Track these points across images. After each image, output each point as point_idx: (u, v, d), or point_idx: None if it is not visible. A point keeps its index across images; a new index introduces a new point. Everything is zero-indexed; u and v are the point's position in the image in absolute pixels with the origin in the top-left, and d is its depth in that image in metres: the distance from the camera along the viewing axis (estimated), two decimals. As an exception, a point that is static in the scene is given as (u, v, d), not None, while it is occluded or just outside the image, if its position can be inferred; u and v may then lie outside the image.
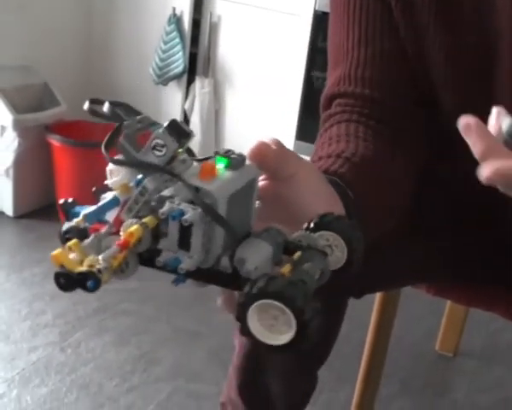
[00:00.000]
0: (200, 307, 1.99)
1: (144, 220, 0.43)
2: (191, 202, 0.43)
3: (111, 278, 0.43)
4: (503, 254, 1.02)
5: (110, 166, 0.47)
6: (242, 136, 2.97)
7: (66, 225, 0.46)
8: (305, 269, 0.46)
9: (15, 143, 2.44)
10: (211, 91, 3.00)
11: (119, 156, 0.46)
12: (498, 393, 1.81)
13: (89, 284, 0.41)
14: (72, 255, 0.43)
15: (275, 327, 0.41)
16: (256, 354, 1.05)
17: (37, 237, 2.41)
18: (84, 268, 0.41)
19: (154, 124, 0.46)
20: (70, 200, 0.47)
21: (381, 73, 0.82)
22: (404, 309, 1.59)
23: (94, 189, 0.48)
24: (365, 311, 1.48)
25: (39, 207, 2.60)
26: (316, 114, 0.90)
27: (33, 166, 2.56)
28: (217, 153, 0.48)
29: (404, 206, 0.79)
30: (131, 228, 0.42)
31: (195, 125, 3.02)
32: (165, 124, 0.45)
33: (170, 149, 0.45)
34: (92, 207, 0.46)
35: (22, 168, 2.51)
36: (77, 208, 0.47)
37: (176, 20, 2.92)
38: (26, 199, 2.57)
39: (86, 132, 2.53)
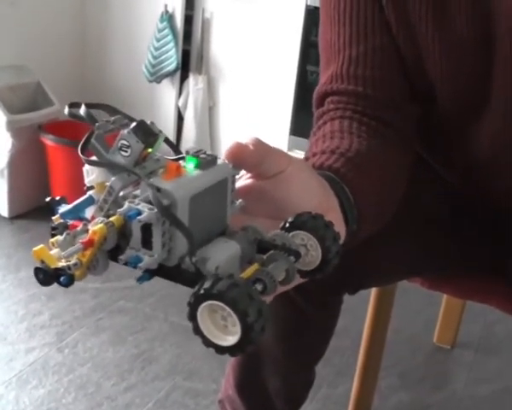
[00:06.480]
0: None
1: (111, 219, 0.44)
2: (151, 202, 0.44)
3: (85, 274, 0.45)
4: (501, 246, 1.02)
5: (86, 166, 0.48)
6: (237, 132, 2.96)
7: (55, 223, 0.47)
8: (269, 269, 0.45)
9: (9, 144, 2.43)
10: (204, 88, 2.99)
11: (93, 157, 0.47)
12: (496, 384, 1.81)
13: (62, 279, 0.43)
14: (54, 251, 0.44)
15: (227, 328, 0.41)
16: (254, 350, 1.05)
17: (33, 237, 2.41)
18: (60, 264, 0.43)
19: (127, 124, 0.47)
20: (58, 197, 0.48)
21: (374, 70, 0.82)
22: (401, 302, 1.59)
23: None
24: (362, 305, 1.48)
25: (34, 208, 2.59)
26: (310, 109, 0.89)
27: (28, 167, 2.55)
28: (187, 152, 0.48)
29: (398, 200, 0.79)
30: (96, 227, 0.43)
31: (190, 122, 3.02)
32: (132, 125, 0.46)
33: (134, 150, 0.45)
34: (69, 206, 0.48)
35: (16, 169, 2.50)
36: (63, 206, 0.48)
37: (168, 17, 2.91)
38: (21, 199, 2.56)
39: (80, 132, 2.46)
